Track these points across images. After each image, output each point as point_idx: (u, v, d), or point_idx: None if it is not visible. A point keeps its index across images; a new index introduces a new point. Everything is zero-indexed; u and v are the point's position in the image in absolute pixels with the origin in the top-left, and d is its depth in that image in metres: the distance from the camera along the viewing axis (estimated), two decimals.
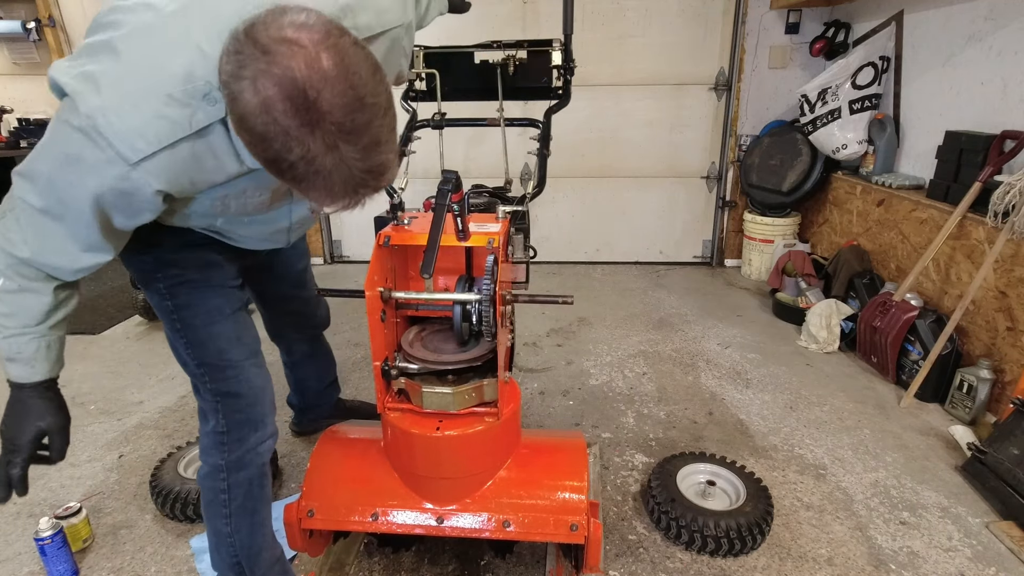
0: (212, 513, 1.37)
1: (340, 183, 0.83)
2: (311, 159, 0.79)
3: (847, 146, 3.31)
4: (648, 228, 4.39)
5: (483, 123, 2.28)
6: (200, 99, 0.90)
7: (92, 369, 2.86)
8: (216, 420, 1.32)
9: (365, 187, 0.85)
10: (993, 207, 2.24)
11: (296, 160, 0.79)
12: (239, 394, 1.31)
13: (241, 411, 1.32)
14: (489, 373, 1.37)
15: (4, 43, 4.45)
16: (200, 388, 1.32)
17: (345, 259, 4.65)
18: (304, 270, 1.83)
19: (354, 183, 0.84)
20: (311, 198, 0.86)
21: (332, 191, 0.84)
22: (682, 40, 3.93)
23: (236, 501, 1.35)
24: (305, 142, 0.78)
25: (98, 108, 0.87)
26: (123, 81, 0.89)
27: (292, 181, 0.83)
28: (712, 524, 1.64)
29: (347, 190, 0.84)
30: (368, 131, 0.81)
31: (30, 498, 1.96)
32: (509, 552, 1.66)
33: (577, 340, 3.10)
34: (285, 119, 0.77)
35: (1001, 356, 2.28)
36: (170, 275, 1.24)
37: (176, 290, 1.25)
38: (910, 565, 1.66)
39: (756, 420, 2.36)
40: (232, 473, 1.33)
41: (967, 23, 2.65)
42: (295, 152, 0.79)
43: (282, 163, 0.80)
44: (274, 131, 0.78)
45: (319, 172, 0.81)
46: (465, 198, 1.25)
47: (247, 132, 0.80)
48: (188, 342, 1.27)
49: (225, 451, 1.32)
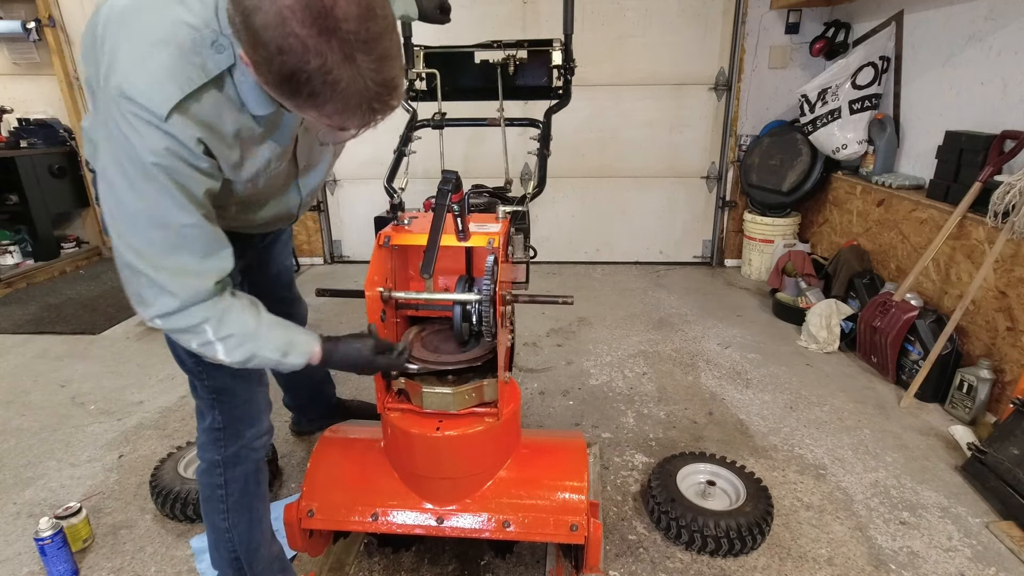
0: (210, 509, 1.39)
1: (355, 96, 0.84)
2: (328, 69, 0.81)
3: (847, 146, 3.31)
4: (648, 228, 4.39)
5: (483, 123, 2.28)
6: (208, 47, 0.93)
7: (92, 369, 2.86)
8: (212, 417, 1.34)
9: (379, 102, 0.87)
10: (993, 207, 2.24)
11: (313, 71, 0.81)
12: (235, 391, 1.33)
13: (237, 407, 1.34)
14: (489, 373, 1.37)
15: (4, 43, 4.44)
16: (197, 385, 1.33)
17: (345, 259, 4.65)
18: (290, 267, 1.86)
19: (368, 97, 0.85)
20: (326, 115, 0.87)
21: (348, 104, 0.85)
22: (682, 40, 3.93)
23: (233, 497, 1.37)
24: (322, 51, 0.80)
25: (122, 78, 0.90)
26: (133, 48, 0.91)
27: (309, 98, 0.84)
28: (712, 524, 1.64)
29: (362, 104, 0.86)
30: (381, 42, 0.83)
31: (30, 498, 1.96)
32: (509, 552, 1.66)
33: (577, 340, 3.10)
34: (302, 28, 0.78)
35: (1001, 356, 2.28)
36: None
37: None
38: (910, 565, 1.66)
39: (756, 420, 2.36)
40: (229, 468, 1.35)
41: (967, 23, 2.65)
42: (312, 63, 0.80)
43: (300, 76, 0.82)
44: (292, 42, 0.79)
45: (336, 83, 0.82)
46: (465, 198, 1.25)
47: (264, 47, 0.81)
48: None
49: (221, 447, 1.34)
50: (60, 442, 2.27)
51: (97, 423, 2.40)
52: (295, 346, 1.14)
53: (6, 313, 3.59)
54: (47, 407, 2.52)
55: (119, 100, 0.90)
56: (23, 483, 2.04)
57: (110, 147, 0.94)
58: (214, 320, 1.04)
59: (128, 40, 0.92)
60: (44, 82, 4.52)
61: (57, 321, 3.45)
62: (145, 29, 0.92)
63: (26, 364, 2.93)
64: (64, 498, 1.95)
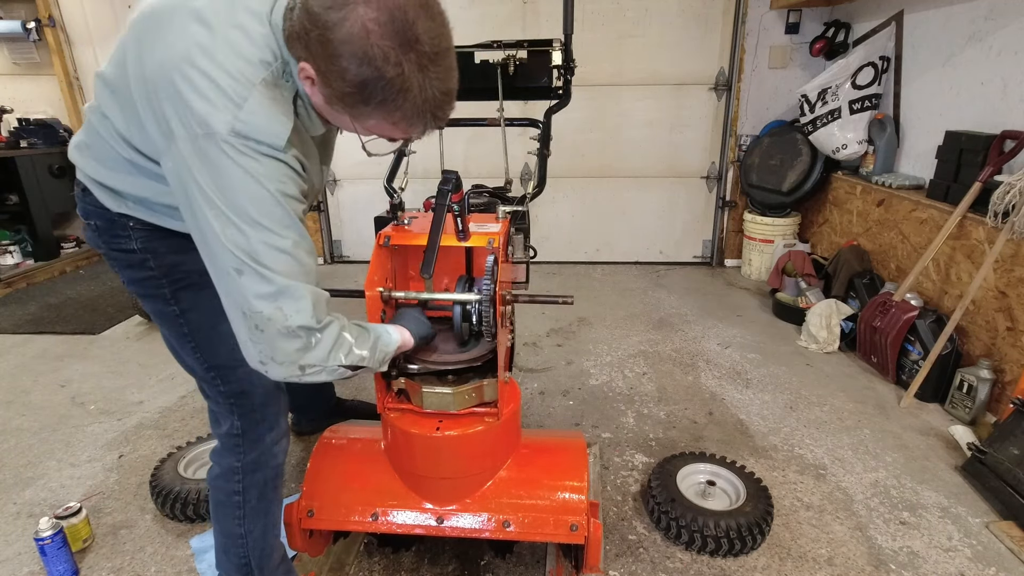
0: (223, 514, 1.35)
1: (423, 102, 0.93)
2: (405, 77, 0.89)
3: (847, 146, 3.31)
4: (648, 228, 4.39)
5: (483, 123, 2.28)
6: (281, 77, 0.99)
7: (92, 369, 2.86)
8: (231, 423, 1.30)
9: (441, 110, 0.96)
10: (993, 207, 2.24)
11: (392, 78, 0.88)
12: (253, 393, 1.29)
13: (256, 410, 1.31)
14: (489, 373, 1.37)
15: (4, 43, 4.45)
16: (211, 392, 1.30)
17: (345, 259, 4.65)
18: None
19: (433, 105, 0.94)
20: (392, 121, 0.95)
21: (416, 111, 0.94)
22: (682, 40, 3.93)
23: (251, 503, 1.33)
24: (401, 62, 0.88)
25: (231, 119, 0.93)
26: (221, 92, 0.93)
27: (380, 105, 0.92)
28: (712, 524, 1.64)
29: (426, 112, 0.95)
30: (448, 55, 0.94)
31: (30, 498, 1.96)
32: (509, 552, 1.66)
33: (577, 340, 3.11)
34: (384, 40, 0.86)
35: (1001, 356, 2.28)
36: (175, 279, 1.22)
37: (180, 294, 1.23)
38: (910, 565, 1.66)
39: (756, 420, 2.36)
40: (248, 475, 1.32)
41: (967, 23, 2.65)
42: (391, 72, 0.88)
43: (377, 83, 0.89)
44: (375, 52, 0.87)
45: (409, 91, 0.91)
46: (465, 198, 1.25)
47: (346, 57, 0.87)
48: (197, 346, 1.26)
49: (241, 453, 1.31)
50: (60, 442, 2.27)
51: (97, 423, 2.40)
52: (389, 332, 1.19)
53: (6, 313, 3.59)
54: (47, 407, 2.52)
55: (231, 139, 0.92)
56: (23, 483, 2.04)
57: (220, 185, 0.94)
58: (345, 325, 1.08)
59: (212, 87, 0.92)
60: (44, 82, 4.53)
61: (57, 321, 3.45)
62: (226, 75, 0.93)
63: (26, 364, 2.93)
64: (64, 498, 1.95)
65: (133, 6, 1.04)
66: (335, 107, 0.95)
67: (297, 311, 0.99)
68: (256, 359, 1.02)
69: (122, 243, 1.19)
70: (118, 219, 1.17)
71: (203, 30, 0.93)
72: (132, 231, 1.17)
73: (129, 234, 1.18)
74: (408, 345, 1.25)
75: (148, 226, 1.17)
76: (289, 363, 1.01)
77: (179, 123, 0.93)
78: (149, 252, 1.20)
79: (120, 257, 1.21)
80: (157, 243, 1.19)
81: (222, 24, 0.94)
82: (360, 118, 0.96)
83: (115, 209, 1.16)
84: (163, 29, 0.95)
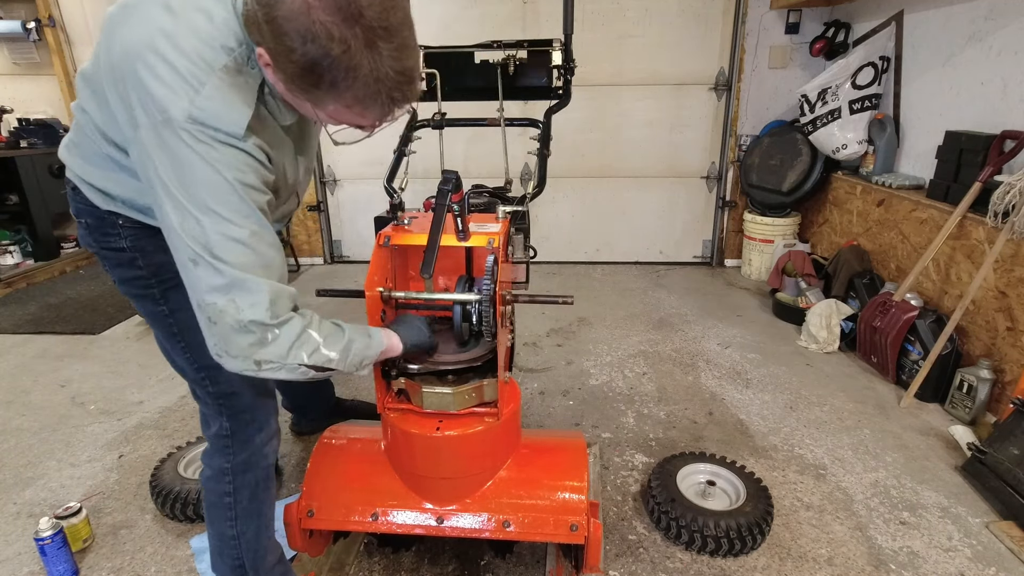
0: (216, 516, 1.35)
1: (375, 83, 0.87)
2: (351, 55, 0.84)
3: (847, 146, 3.31)
4: (648, 228, 4.39)
5: (483, 123, 2.28)
6: (246, 64, 0.96)
7: (92, 369, 2.86)
8: (219, 424, 1.29)
9: (398, 91, 0.90)
10: (993, 207, 2.24)
11: (337, 57, 0.84)
12: (242, 394, 1.29)
13: (245, 411, 1.30)
14: (489, 373, 1.37)
15: (4, 43, 4.45)
16: (201, 393, 1.30)
17: (345, 259, 4.65)
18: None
19: (388, 86, 0.89)
20: (345, 104, 0.90)
21: (368, 92, 0.88)
22: (682, 40, 3.93)
23: (242, 504, 1.33)
24: (346, 38, 0.83)
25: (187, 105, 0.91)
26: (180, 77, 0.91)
27: (330, 88, 0.87)
28: (712, 524, 1.64)
29: (381, 93, 0.89)
30: (400, 32, 0.87)
31: (30, 498, 1.96)
32: (509, 552, 1.66)
33: (577, 340, 3.10)
34: (326, 15, 0.82)
35: (1001, 356, 2.28)
36: (164, 279, 1.21)
37: (170, 294, 1.22)
38: (910, 565, 1.66)
39: (756, 420, 2.36)
40: (238, 475, 1.32)
41: (967, 23, 2.65)
42: (336, 49, 0.83)
43: (323, 63, 0.85)
44: (316, 30, 0.82)
45: (358, 69, 0.85)
46: (465, 198, 1.25)
47: (287, 37, 0.84)
48: (187, 345, 1.25)
49: (231, 454, 1.31)
50: (60, 442, 2.27)
51: (97, 423, 2.40)
52: (371, 336, 1.16)
53: (6, 313, 3.59)
54: (47, 407, 2.52)
55: (187, 126, 0.91)
56: (23, 483, 2.04)
57: (178, 173, 0.94)
58: (313, 323, 1.05)
59: (171, 72, 0.91)
60: (44, 82, 4.53)
61: (57, 321, 3.45)
62: (186, 59, 0.92)
63: (26, 364, 2.93)
64: (64, 498, 1.95)
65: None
66: (294, 93, 0.93)
67: (251, 305, 0.97)
68: (213, 351, 1.02)
69: (112, 241, 1.19)
70: (107, 217, 1.17)
71: (167, 15, 0.93)
72: (121, 229, 1.17)
73: (119, 232, 1.18)
74: (394, 352, 1.22)
75: (136, 224, 1.17)
76: (243, 357, 1.00)
77: (142, 110, 0.92)
78: (138, 251, 1.19)
79: (110, 256, 1.21)
80: (145, 242, 1.18)
81: (186, 9, 0.94)
82: (318, 103, 0.93)
83: (103, 207, 1.16)
84: (131, 17, 0.95)
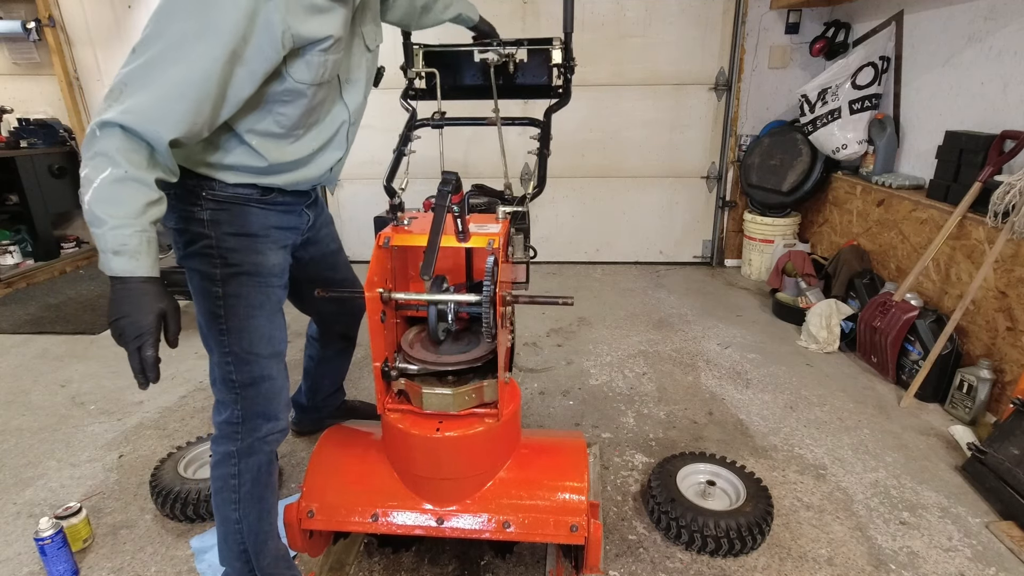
0: (221, 500, 1.40)
1: None
2: None
3: (847, 146, 3.31)
4: (648, 228, 4.39)
5: (483, 122, 2.28)
6: None
7: (92, 369, 2.86)
8: (232, 410, 1.36)
9: None
10: (993, 207, 2.24)
11: None
12: (260, 389, 1.36)
13: (259, 404, 1.37)
14: (489, 374, 1.37)
15: (4, 43, 4.44)
16: (221, 377, 1.35)
17: None
18: (339, 250, 1.90)
19: None
20: None
21: None
22: (682, 40, 3.93)
23: (245, 487, 1.39)
24: None
25: None
26: None
27: None
28: (712, 524, 1.64)
29: None
30: None
31: (30, 498, 1.96)
32: (509, 552, 1.66)
33: (577, 340, 3.10)
34: None
35: (1001, 356, 2.28)
36: (229, 264, 1.29)
37: (231, 280, 1.30)
38: (910, 565, 1.66)
39: (756, 420, 2.36)
40: (243, 459, 1.38)
41: (967, 23, 2.65)
42: None
43: None
44: None
45: None
46: (465, 199, 1.25)
47: None
48: (226, 329, 1.32)
49: (238, 439, 1.37)
50: (60, 442, 2.27)
51: (97, 423, 2.40)
52: (131, 257, 1.02)
53: (6, 313, 3.59)
54: (47, 407, 2.52)
55: None
56: (23, 483, 2.04)
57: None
58: (130, 167, 1.00)
59: None
60: (44, 82, 4.52)
61: (57, 321, 3.45)
62: None
63: (26, 364, 2.93)
64: (64, 498, 1.95)
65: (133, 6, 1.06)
66: None
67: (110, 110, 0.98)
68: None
69: (195, 212, 1.27)
70: (194, 189, 1.25)
71: None
72: (203, 201, 1.26)
73: (200, 204, 1.26)
74: (103, 265, 1.05)
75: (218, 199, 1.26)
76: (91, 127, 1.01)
77: None
78: (213, 226, 1.28)
79: (183, 230, 1.28)
80: (222, 215, 1.28)
81: None
82: None
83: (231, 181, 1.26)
84: None
